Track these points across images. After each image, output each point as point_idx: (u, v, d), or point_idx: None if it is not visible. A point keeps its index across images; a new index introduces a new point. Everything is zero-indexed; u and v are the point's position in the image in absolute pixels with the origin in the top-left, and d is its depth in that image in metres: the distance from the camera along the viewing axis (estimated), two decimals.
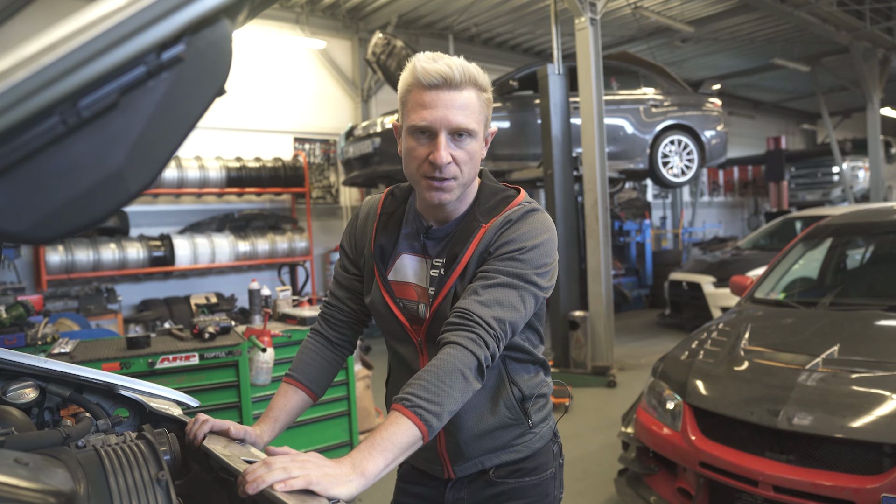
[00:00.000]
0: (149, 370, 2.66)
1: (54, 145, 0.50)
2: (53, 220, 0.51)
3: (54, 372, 1.29)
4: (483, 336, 1.17)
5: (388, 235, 1.39)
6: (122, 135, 0.53)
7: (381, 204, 1.44)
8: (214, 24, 0.58)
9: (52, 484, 0.69)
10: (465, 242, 1.29)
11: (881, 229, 3.87)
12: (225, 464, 1.06)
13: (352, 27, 9.33)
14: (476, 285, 1.23)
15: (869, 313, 3.07)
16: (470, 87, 1.24)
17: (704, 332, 3.39)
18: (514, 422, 1.37)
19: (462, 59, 1.25)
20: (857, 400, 2.39)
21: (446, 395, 1.10)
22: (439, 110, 1.21)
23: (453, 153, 1.24)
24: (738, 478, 2.46)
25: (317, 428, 3.45)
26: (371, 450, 1.02)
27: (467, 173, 1.27)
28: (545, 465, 1.44)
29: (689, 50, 11.63)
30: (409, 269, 1.37)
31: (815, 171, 14.21)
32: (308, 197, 8.49)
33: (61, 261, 6.43)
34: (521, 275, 1.24)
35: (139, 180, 0.55)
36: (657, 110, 8.01)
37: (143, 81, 0.54)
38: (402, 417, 1.07)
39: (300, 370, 1.46)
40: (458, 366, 1.13)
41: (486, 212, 1.32)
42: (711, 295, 7.68)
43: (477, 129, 1.25)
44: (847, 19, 10.14)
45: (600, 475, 3.75)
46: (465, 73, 1.22)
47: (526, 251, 1.25)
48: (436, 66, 1.21)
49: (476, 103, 1.24)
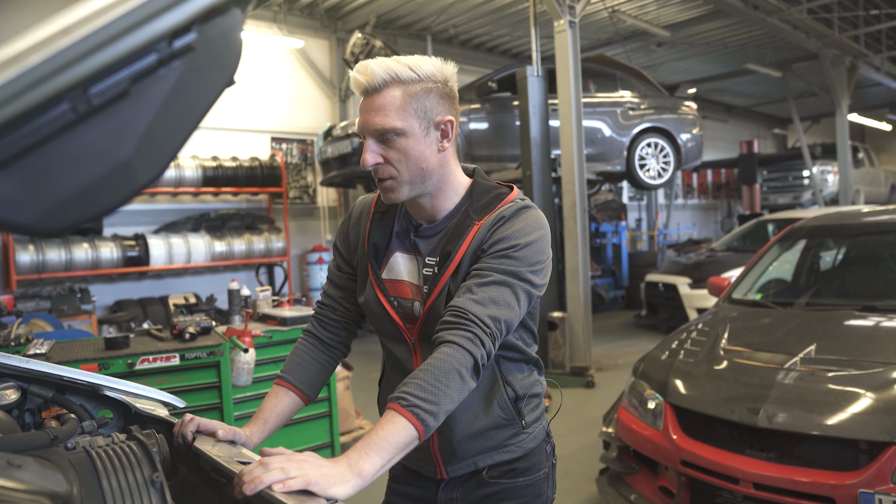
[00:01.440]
0: (128, 371, 2.61)
1: (63, 134, 0.49)
2: (60, 212, 0.49)
3: (36, 372, 1.25)
4: (479, 335, 1.16)
5: (381, 234, 1.39)
6: (132, 124, 0.52)
7: (375, 203, 1.44)
8: (225, 14, 0.57)
9: (47, 486, 0.67)
10: (458, 240, 1.28)
11: (852, 231, 3.97)
12: (218, 465, 1.04)
13: (330, 27, 9.27)
14: (470, 283, 1.23)
15: (842, 313, 3.14)
16: (391, 86, 1.22)
17: (684, 333, 3.43)
18: (507, 422, 1.37)
19: (387, 58, 1.24)
20: (833, 398, 2.44)
21: (443, 395, 1.09)
22: (362, 116, 1.24)
23: (384, 154, 1.24)
24: (719, 475, 2.49)
25: (298, 429, 3.42)
26: (367, 449, 1.02)
27: (406, 171, 1.25)
28: (538, 466, 1.43)
29: (665, 54, 11.80)
30: (402, 267, 1.37)
31: (786, 175, 14.50)
32: (285, 197, 8.41)
33: (32, 260, 6.27)
34: (515, 272, 1.23)
35: (148, 171, 0.53)
36: (634, 113, 8.10)
37: (154, 70, 0.52)
38: (398, 416, 1.06)
39: (292, 372, 1.44)
40: (454, 365, 1.12)
41: (479, 209, 1.31)
42: (687, 296, 7.79)
43: (402, 126, 1.22)
44: (817, 27, 10.38)
45: (581, 475, 3.78)
46: (377, 75, 1.20)
47: (519, 248, 1.24)
48: (354, 76, 1.23)
49: (399, 101, 1.22)
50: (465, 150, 7.26)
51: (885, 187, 15.84)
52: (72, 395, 1.31)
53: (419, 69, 1.23)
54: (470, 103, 7.36)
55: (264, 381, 3.28)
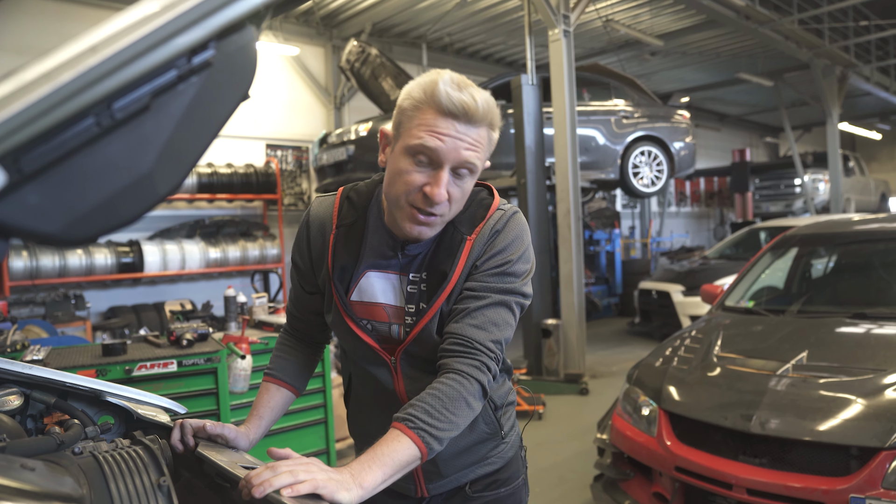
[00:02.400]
0: (126, 377, 2.61)
1: (88, 147, 0.51)
2: (86, 221, 0.51)
3: (39, 378, 1.26)
4: (485, 361, 1.17)
5: (349, 252, 1.26)
6: (153, 137, 0.54)
7: (337, 213, 1.29)
8: (241, 31, 0.59)
9: (59, 489, 0.69)
10: (451, 258, 1.21)
11: (843, 240, 4.01)
12: (223, 469, 1.05)
13: (325, 34, 9.30)
14: (468, 306, 1.19)
15: (834, 320, 3.18)
16: (486, 124, 1.16)
17: (678, 340, 3.46)
18: (490, 435, 1.36)
19: (486, 94, 1.16)
20: (825, 404, 2.47)
21: (449, 423, 1.10)
22: (451, 141, 1.11)
23: (450, 190, 1.15)
24: (713, 481, 2.52)
25: (294, 436, 3.42)
26: (371, 463, 1.01)
27: (454, 211, 1.20)
28: (517, 473, 1.43)
29: (658, 63, 11.89)
30: (377, 287, 1.26)
31: (778, 183, 14.61)
32: (280, 204, 8.42)
33: (25, 266, 6.25)
34: (510, 289, 1.22)
35: (168, 182, 0.55)
36: (628, 122, 8.17)
37: (173, 85, 0.54)
38: (403, 436, 1.06)
39: (279, 368, 1.43)
40: (463, 394, 1.13)
41: (467, 221, 1.23)
42: (680, 303, 7.83)
43: (479, 167, 1.17)
44: (808, 37, 10.50)
45: (575, 481, 3.79)
46: (486, 110, 1.14)
47: (513, 263, 1.22)
48: (461, 96, 1.11)
49: (486, 141, 1.17)
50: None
51: (876, 195, 15.99)
52: (73, 400, 1.32)
53: (498, 116, 1.19)
54: None
55: None
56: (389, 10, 8.57)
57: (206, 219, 7.92)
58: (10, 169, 0.47)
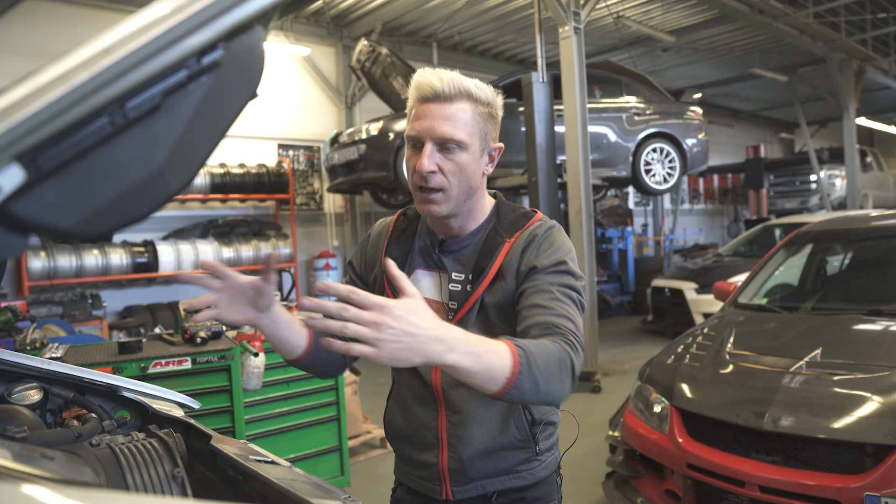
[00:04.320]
0: (141, 375, 2.65)
1: (101, 145, 0.53)
2: (100, 217, 0.53)
3: (58, 374, 1.29)
4: (574, 342, 1.14)
5: (400, 249, 1.39)
6: (165, 135, 0.56)
7: (394, 223, 1.45)
8: (249, 31, 0.60)
9: (78, 477, 0.71)
10: (490, 257, 1.29)
11: (859, 236, 3.97)
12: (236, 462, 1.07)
13: (336, 34, 9.35)
14: (537, 300, 1.21)
15: (849, 317, 3.15)
16: (462, 99, 1.25)
17: (690, 337, 3.44)
18: (522, 444, 1.34)
19: (456, 73, 1.26)
20: (839, 401, 2.45)
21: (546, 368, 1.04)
22: (427, 121, 1.23)
23: (440, 164, 1.24)
24: (725, 479, 2.51)
25: (305, 433, 3.45)
26: (464, 343, 0.95)
27: (457, 186, 1.26)
28: (548, 497, 1.39)
29: (670, 59, 11.82)
30: (424, 284, 1.36)
31: (793, 180, 14.46)
32: (292, 203, 8.47)
33: (43, 266, 6.35)
34: (572, 286, 1.25)
35: (179, 180, 0.57)
36: (639, 118, 8.13)
37: (184, 85, 0.56)
38: (506, 349, 1.00)
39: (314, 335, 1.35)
40: (561, 354, 1.09)
41: (508, 227, 1.33)
42: (694, 301, 7.79)
43: (467, 141, 1.24)
44: (823, 31, 10.38)
45: (587, 479, 3.79)
46: (454, 85, 1.23)
47: (567, 264, 1.27)
48: (427, 79, 1.23)
49: (469, 116, 1.25)
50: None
51: (894, 191, 15.78)
52: (91, 396, 1.35)
53: (485, 92, 1.28)
54: None
55: (274, 384, 3.32)
56: (399, 9, 8.59)
57: (219, 219, 8.00)
58: (28, 167, 0.48)
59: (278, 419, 3.36)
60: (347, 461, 3.66)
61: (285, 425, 3.38)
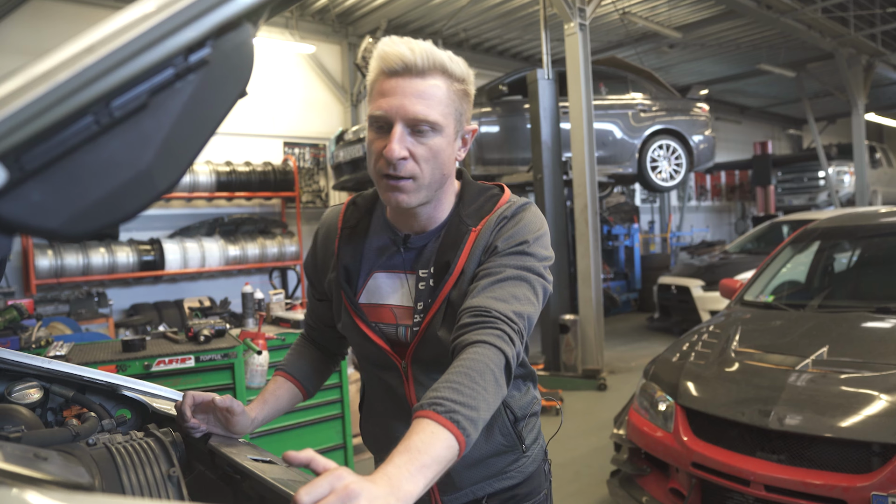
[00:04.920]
0: (144, 373, 2.66)
1: (87, 144, 0.52)
2: (87, 217, 0.53)
3: (58, 373, 1.29)
4: (507, 332, 1.03)
5: (352, 253, 1.24)
6: (152, 134, 0.55)
7: (342, 216, 1.29)
8: (238, 28, 0.60)
9: (71, 478, 0.71)
10: (455, 249, 1.16)
11: (867, 232, 3.94)
12: (234, 462, 1.07)
13: (341, 32, 9.34)
14: (483, 282, 1.10)
15: (856, 315, 3.13)
16: (437, 74, 1.09)
17: (695, 335, 3.43)
18: (508, 448, 1.28)
19: (428, 43, 1.11)
20: (845, 400, 2.43)
21: (482, 400, 0.93)
22: (396, 98, 1.07)
23: (411, 148, 1.09)
24: (730, 478, 2.50)
25: (310, 431, 3.45)
26: (409, 466, 0.82)
27: (429, 173, 1.12)
28: (538, 489, 1.35)
29: (676, 55, 11.75)
30: (387, 288, 1.23)
31: (801, 176, 14.37)
32: (298, 201, 8.48)
33: (51, 265, 6.38)
34: (530, 267, 1.13)
35: (166, 179, 0.56)
36: (646, 115, 8.09)
37: (171, 83, 0.56)
38: (437, 427, 0.87)
39: (292, 366, 1.41)
40: (489, 365, 0.98)
41: (474, 213, 1.19)
42: (700, 298, 7.75)
43: (442, 123, 1.10)
44: (832, 26, 10.30)
45: (591, 477, 3.78)
46: (428, 57, 1.07)
47: (530, 244, 1.15)
48: (396, 49, 1.07)
49: (443, 93, 1.10)
50: (476, 153, 7.29)
51: None
52: (92, 394, 1.35)
53: (460, 66, 1.13)
54: (481, 107, 7.39)
55: None
56: (405, 6, 8.57)
57: (225, 217, 8.01)
58: (11, 167, 0.48)
59: (282, 417, 3.33)
60: (352, 459, 3.66)
61: (289, 423, 3.39)
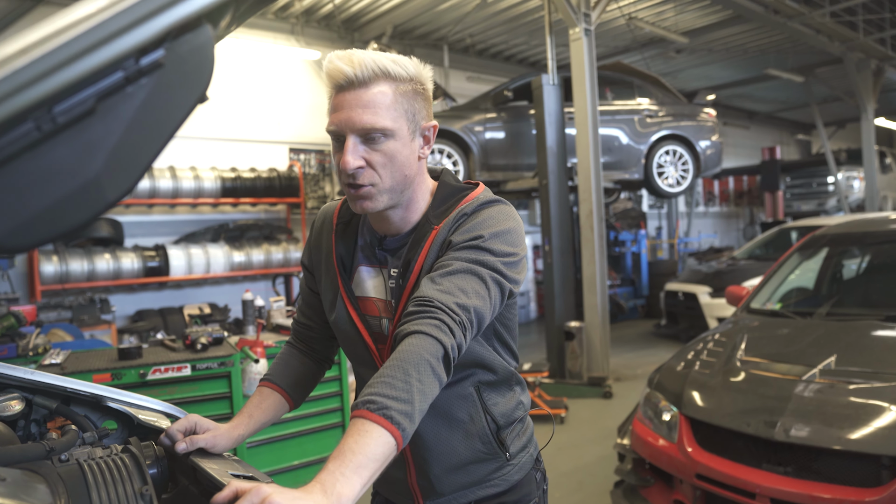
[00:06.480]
0: (140, 381, 2.64)
1: (28, 152, 0.49)
2: (28, 229, 0.50)
3: (41, 384, 1.27)
4: (447, 322, 1.03)
5: (346, 246, 1.29)
6: (100, 142, 0.52)
7: (337, 212, 1.33)
8: (196, 30, 0.57)
9: (30, 501, 0.67)
10: (417, 247, 1.19)
11: (877, 239, 3.87)
12: (213, 478, 1.03)
13: (347, 38, 9.35)
14: (432, 275, 1.11)
15: (865, 323, 3.06)
16: (381, 81, 1.10)
17: (700, 343, 3.37)
18: (489, 455, 1.27)
19: (371, 52, 1.12)
20: (854, 411, 2.38)
21: (416, 391, 0.94)
22: (344, 112, 1.10)
23: (367, 157, 1.11)
24: (735, 490, 2.44)
25: (310, 439, 3.42)
26: (343, 469, 0.85)
27: (389, 177, 1.13)
28: (527, 497, 1.32)
29: (683, 60, 11.70)
30: (368, 282, 1.27)
31: (810, 182, 14.26)
32: (303, 207, 8.48)
33: (55, 271, 6.39)
34: (483, 262, 1.12)
35: (117, 188, 0.53)
36: (652, 121, 8.04)
37: (121, 87, 0.53)
38: (370, 425, 0.90)
39: (277, 375, 1.40)
40: (423, 355, 0.98)
41: (440, 213, 1.21)
42: (708, 305, 7.68)
43: (392, 127, 1.11)
44: (840, 30, 10.22)
45: (595, 486, 3.72)
46: (367, 67, 1.09)
47: (486, 239, 1.13)
48: (336, 65, 1.09)
49: (390, 99, 1.11)
50: (482, 159, 7.26)
51: None
52: (77, 406, 1.32)
53: (406, 67, 1.14)
54: (486, 112, 7.37)
55: None
56: (410, 12, 8.58)
57: (230, 223, 8.02)
58: None
59: (282, 426, 3.33)
60: None
61: (289, 432, 3.36)
